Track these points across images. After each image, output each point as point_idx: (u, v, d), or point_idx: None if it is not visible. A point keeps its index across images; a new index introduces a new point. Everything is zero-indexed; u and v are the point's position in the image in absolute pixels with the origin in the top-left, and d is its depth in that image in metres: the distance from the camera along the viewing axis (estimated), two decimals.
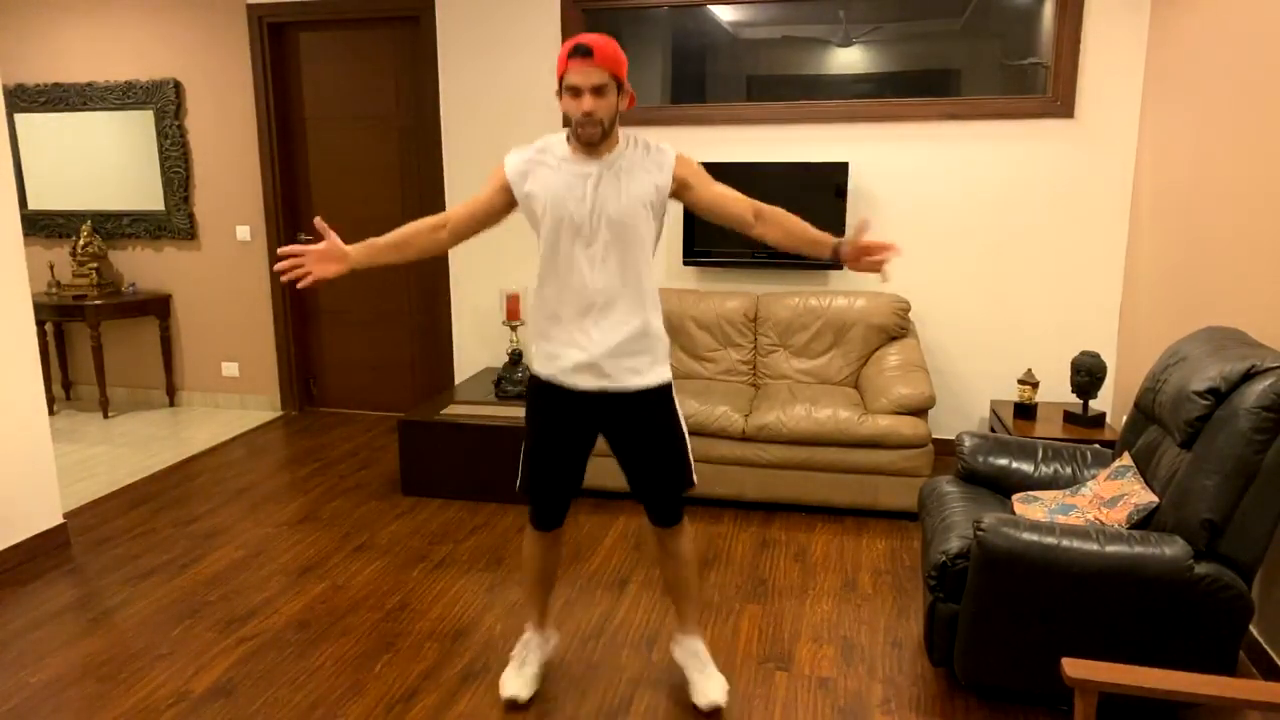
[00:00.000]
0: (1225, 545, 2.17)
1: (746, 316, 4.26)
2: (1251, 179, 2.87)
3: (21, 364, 3.38)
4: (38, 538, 3.44)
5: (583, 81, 2.09)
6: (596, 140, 2.15)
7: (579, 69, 2.09)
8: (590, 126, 2.12)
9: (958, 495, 2.74)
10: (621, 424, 2.31)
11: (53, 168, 5.39)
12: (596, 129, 2.13)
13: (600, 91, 2.10)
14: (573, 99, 2.12)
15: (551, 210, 2.20)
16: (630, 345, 2.24)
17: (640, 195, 2.20)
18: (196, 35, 5.01)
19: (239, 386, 5.44)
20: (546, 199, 2.20)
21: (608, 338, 2.23)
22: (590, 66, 2.08)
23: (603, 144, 2.18)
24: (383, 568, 3.31)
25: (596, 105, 2.10)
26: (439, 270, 4.98)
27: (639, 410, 2.29)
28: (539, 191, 2.21)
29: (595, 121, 2.12)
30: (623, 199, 2.18)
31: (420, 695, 2.51)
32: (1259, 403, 2.13)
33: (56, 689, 2.56)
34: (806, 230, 2.25)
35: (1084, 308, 4.23)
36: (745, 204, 2.26)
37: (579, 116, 2.12)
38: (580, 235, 2.19)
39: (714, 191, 2.26)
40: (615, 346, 2.23)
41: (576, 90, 2.10)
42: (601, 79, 2.09)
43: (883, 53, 4.28)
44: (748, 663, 2.67)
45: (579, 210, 2.18)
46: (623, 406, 2.29)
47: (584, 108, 2.10)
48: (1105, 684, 1.72)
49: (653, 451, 2.32)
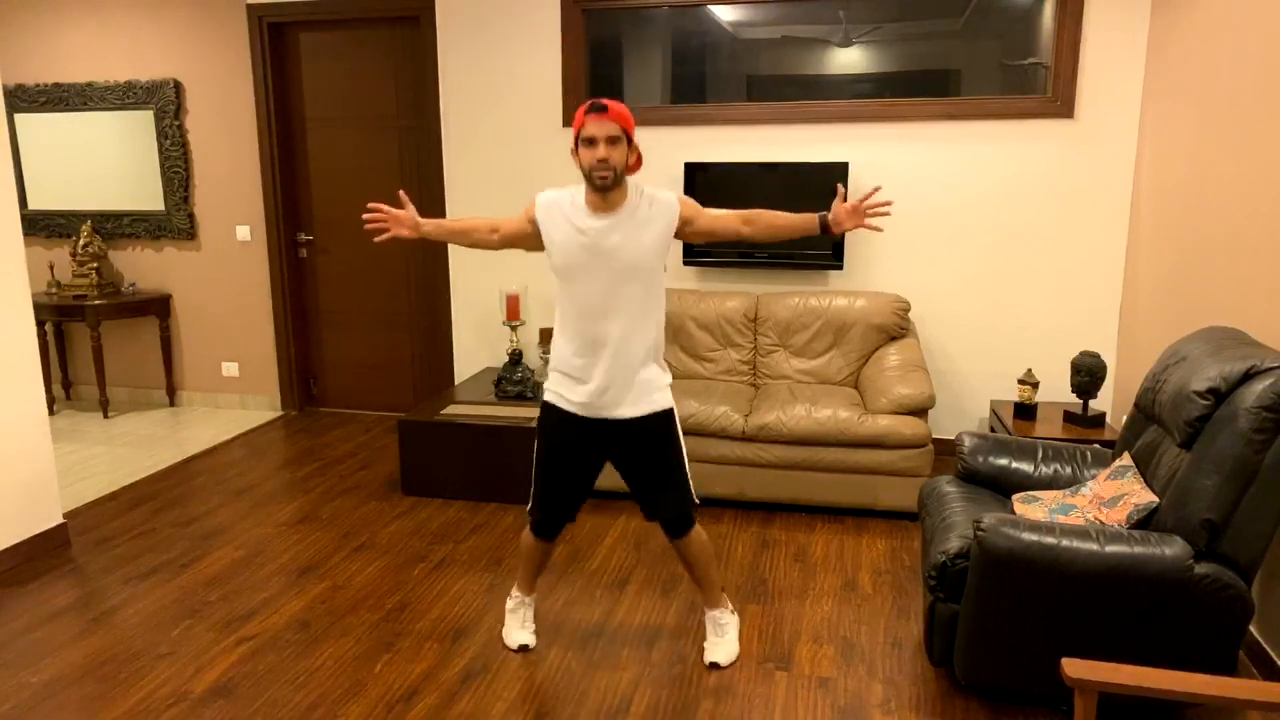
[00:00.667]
0: (1225, 545, 2.17)
1: (746, 316, 4.26)
2: (1251, 179, 2.87)
3: (21, 364, 3.38)
4: (38, 538, 3.44)
5: (598, 132, 2.33)
6: (609, 185, 2.36)
7: (595, 121, 2.33)
8: (604, 171, 2.34)
9: (958, 495, 2.74)
10: (625, 450, 2.53)
11: (53, 168, 5.39)
12: (609, 174, 2.34)
13: (613, 142, 2.34)
14: (588, 149, 2.34)
15: (565, 256, 2.44)
16: (636, 377, 2.48)
17: (652, 243, 2.42)
18: (196, 35, 5.02)
19: (239, 386, 5.44)
20: (563, 247, 2.44)
21: (617, 372, 2.46)
22: (605, 120, 2.33)
23: (615, 195, 2.41)
24: (383, 568, 3.31)
25: (610, 153, 2.33)
26: (439, 270, 4.98)
27: (642, 436, 2.51)
28: (556, 238, 2.45)
29: (609, 168, 2.34)
30: (636, 248, 2.41)
31: (420, 695, 2.51)
32: (1259, 403, 2.13)
33: (56, 689, 2.56)
34: (790, 218, 2.51)
35: (1084, 308, 4.23)
36: (734, 218, 2.51)
37: (594, 163, 2.34)
38: (592, 282, 2.42)
39: (709, 217, 2.51)
40: (623, 380, 2.46)
41: (592, 140, 2.34)
42: (614, 131, 2.33)
43: (883, 53, 4.28)
44: (748, 663, 2.67)
45: (591, 259, 2.41)
46: (626, 433, 2.50)
47: (599, 154, 2.33)
48: (1105, 684, 1.72)
49: (654, 476, 2.53)
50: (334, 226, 5.18)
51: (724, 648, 2.68)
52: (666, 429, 2.52)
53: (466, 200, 4.83)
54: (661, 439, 2.52)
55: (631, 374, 2.47)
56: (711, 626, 2.71)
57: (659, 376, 2.52)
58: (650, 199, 2.45)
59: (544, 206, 2.49)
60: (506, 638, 2.78)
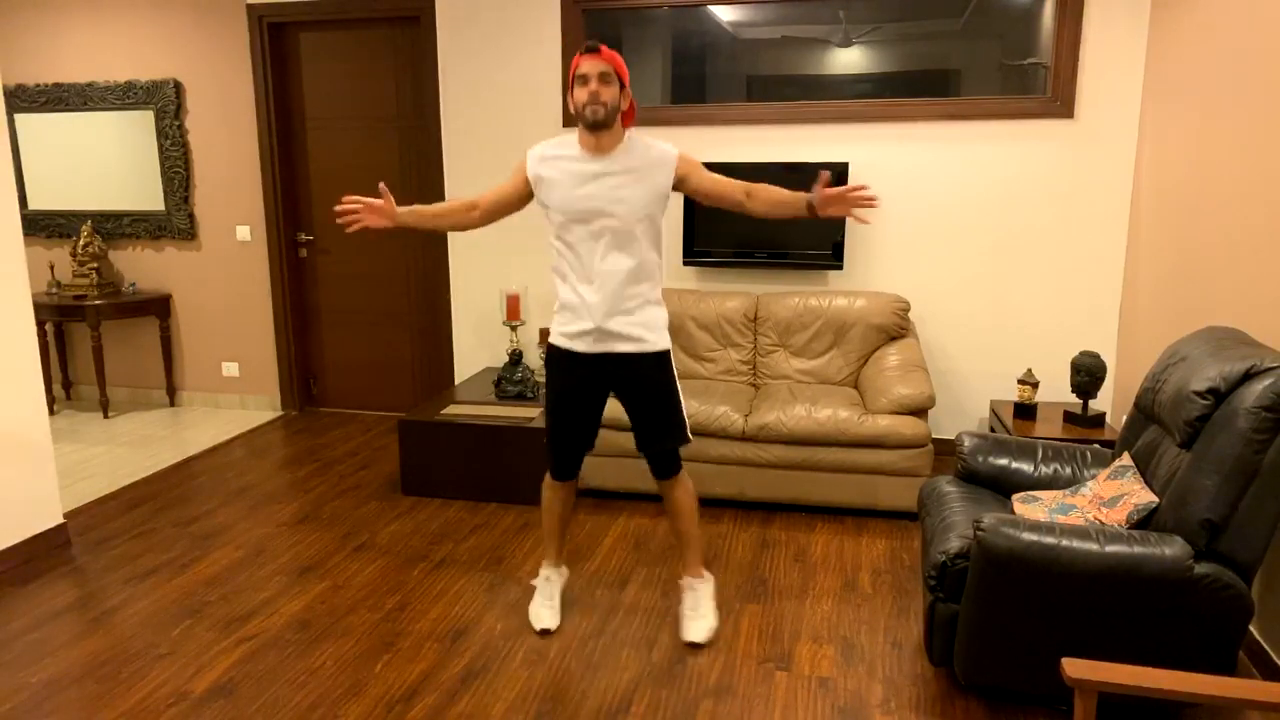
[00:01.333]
0: (1225, 545, 2.17)
1: (746, 316, 4.26)
2: (1251, 179, 2.87)
3: (21, 364, 3.38)
4: (38, 538, 3.44)
5: (590, 70, 2.43)
6: (600, 119, 2.45)
7: (587, 60, 2.44)
8: (595, 105, 2.43)
9: (958, 495, 2.74)
10: (626, 384, 2.66)
11: (53, 168, 5.39)
12: (600, 109, 2.44)
13: (605, 79, 2.44)
14: (581, 86, 2.45)
15: (562, 200, 2.53)
16: (634, 316, 2.59)
17: (643, 186, 2.51)
18: (196, 35, 5.02)
19: (239, 386, 5.44)
20: (558, 190, 2.53)
21: (614, 311, 2.56)
22: (597, 59, 2.44)
23: (608, 138, 2.50)
24: (383, 568, 3.31)
25: (601, 89, 2.43)
26: (439, 270, 4.98)
27: (641, 372, 2.63)
28: (552, 182, 2.55)
29: (600, 103, 2.43)
30: (626, 189, 2.50)
31: (420, 695, 2.51)
32: (1259, 403, 2.13)
33: (56, 689, 2.56)
34: (786, 194, 2.55)
35: (1084, 308, 4.23)
36: (738, 186, 2.57)
37: (586, 98, 2.44)
38: (588, 223, 2.52)
39: (710, 179, 2.58)
40: (621, 319, 2.57)
41: (585, 78, 2.44)
42: (606, 69, 2.44)
43: (883, 53, 4.28)
44: (748, 663, 2.67)
45: (585, 196, 2.50)
46: (627, 369, 2.63)
47: (590, 88, 2.43)
48: (1105, 684, 1.72)
49: (652, 409, 2.66)
50: (334, 226, 5.18)
51: (701, 623, 2.76)
52: (663, 367, 2.65)
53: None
54: (658, 376, 2.65)
55: (631, 310, 2.58)
56: (689, 599, 2.81)
57: (657, 316, 2.64)
58: (647, 145, 2.54)
59: (537, 157, 2.58)
60: (532, 616, 2.87)
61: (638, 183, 2.50)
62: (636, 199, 2.50)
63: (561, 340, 2.66)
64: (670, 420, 2.67)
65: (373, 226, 2.62)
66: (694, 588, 2.83)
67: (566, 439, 2.74)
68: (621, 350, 2.61)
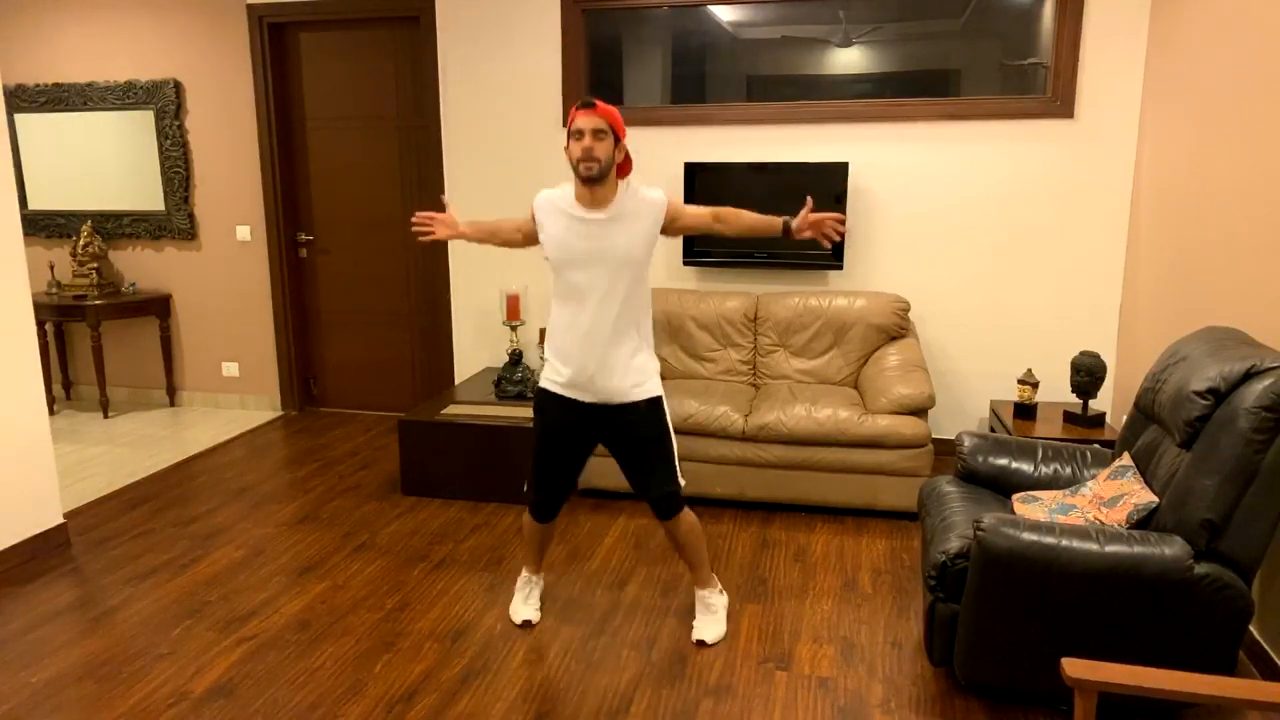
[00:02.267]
0: (1225, 545, 2.17)
1: (746, 316, 4.26)
2: (1251, 179, 2.87)
3: (21, 364, 3.38)
4: (38, 538, 3.44)
5: (585, 125, 2.48)
6: (594, 176, 2.50)
7: (583, 116, 2.49)
8: (589, 162, 2.48)
9: (958, 495, 2.74)
10: (617, 434, 2.68)
11: (53, 168, 5.39)
12: (594, 165, 2.48)
13: (599, 135, 2.48)
14: (576, 141, 2.49)
15: (560, 252, 2.59)
16: (626, 364, 2.61)
17: (639, 237, 2.57)
18: (196, 35, 5.02)
19: (239, 386, 5.44)
20: (557, 241, 2.59)
21: (608, 358, 2.59)
22: (592, 114, 2.48)
23: (603, 191, 2.55)
24: (383, 568, 3.31)
25: (595, 145, 2.47)
26: (439, 270, 4.98)
27: (632, 420, 2.65)
28: (551, 231, 2.61)
29: (594, 159, 2.48)
30: (624, 241, 2.55)
31: (420, 695, 2.51)
32: (1259, 403, 2.13)
33: (56, 689, 2.56)
34: (757, 218, 2.67)
35: (1084, 308, 4.23)
36: (707, 214, 2.66)
37: (580, 153, 2.48)
38: (584, 273, 2.56)
39: (688, 214, 2.65)
40: (614, 367, 2.60)
41: (580, 134, 2.49)
42: (600, 125, 2.48)
43: (882, 53, 4.28)
44: (748, 663, 2.67)
45: (581, 252, 2.56)
46: (618, 417, 2.65)
47: (585, 144, 2.47)
48: (1105, 684, 1.72)
49: (643, 457, 2.67)
50: (334, 226, 5.18)
51: (712, 626, 2.81)
52: (654, 415, 2.66)
53: (466, 200, 4.83)
54: (650, 424, 2.66)
55: (621, 359, 2.61)
56: (701, 606, 2.85)
57: (648, 364, 2.67)
58: (638, 196, 2.59)
59: (540, 205, 2.65)
60: (512, 613, 2.94)
61: (628, 231, 2.55)
62: (627, 246, 2.55)
63: (551, 383, 2.69)
64: (663, 469, 2.67)
65: (440, 238, 2.76)
66: (708, 600, 2.85)
67: (550, 482, 2.75)
68: (616, 401, 2.63)
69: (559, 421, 2.68)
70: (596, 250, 2.55)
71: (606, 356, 2.59)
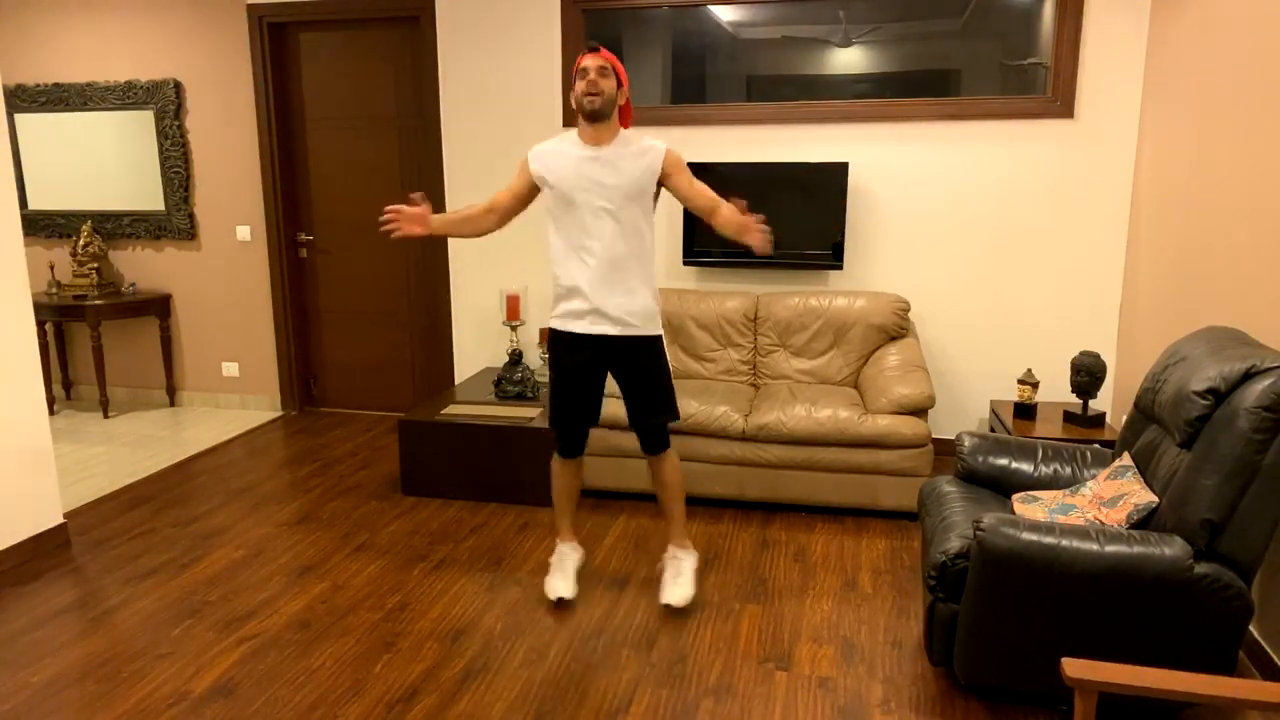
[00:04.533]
0: (1225, 545, 2.17)
1: (746, 316, 4.26)
2: (1251, 178, 2.87)
3: (21, 364, 3.38)
4: (38, 538, 3.44)
5: (590, 64, 2.67)
6: (598, 108, 2.67)
7: (588, 57, 2.68)
8: (593, 93, 2.66)
9: (958, 495, 2.74)
10: (622, 363, 2.84)
11: (53, 168, 5.39)
12: (598, 97, 2.66)
13: (603, 72, 2.67)
14: (581, 79, 2.67)
15: (561, 183, 2.73)
16: (629, 299, 2.77)
17: (635, 175, 2.72)
18: (196, 35, 5.02)
19: (239, 386, 5.44)
20: (558, 174, 2.74)
21: (611, 292, 2.76)
22: (596, 55, 2.68)
23: (605, 130, 2.72)
24: (383, 568, 3.31)
25: (599, 80, 2.66)
26: (439, 270, 4.98)
27: (635, 354, 2.83)
28: (552, 168, 2.76)
29: (598, 92, 2.66)
30: (621, 178, 2.71)
31: (420, 695, 2.51)
32: (1259, 403, 2.13)
33: (56, 689, 2.56)
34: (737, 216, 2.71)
35: (1084, 308, 4.23)
36: (710, 199, 2.76)
37: (584, 88, 2.66)
38: (583, 205, 2.72)
39: (688, 180, 2.78)
40: (617, 300, 2.76)
41: (585, 71, 2.67)
42: (604, 64, 2.67)
43: (882, 53, 4.28)
44: (748, 663, 2.67)
45: (583, 184, 2.72)
46: (622, 349, 2.82)
47: (590, 79, 2.66)
48: (1105, 684, 1.72)
49: (646, 388, 2.86)
50: (334, 226, 5.18)
51: (679, 589, 2.94)
52: (657, 352, 2.86)
53: (466, 200, 4.83)
54: (652, 359, 2.84)
55: (626, 293, 2.76)
56: (671, 568, 3.00)
57: (651, 304, 2.83)
58: (640, 139, 2.77)
59: (538, 153, 2.80)
60: (547, 588, 3.03)
61: (630, 164, 2.72)
62: (628, 178, 2.71)
63: (561, 323, 2.85)
64: (662, 398, 2.87)
65: (409, 234, 2.81)
66: (677, 557, 3.01)
67: (570, 417, 2.91)
68: (616, 333, 2.79)
69: (571, 360, 2.85)
70: (596, 181, 2.71)
71: (612, 290, 2.75)
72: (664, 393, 2.87)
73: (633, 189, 2.71)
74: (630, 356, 2.82)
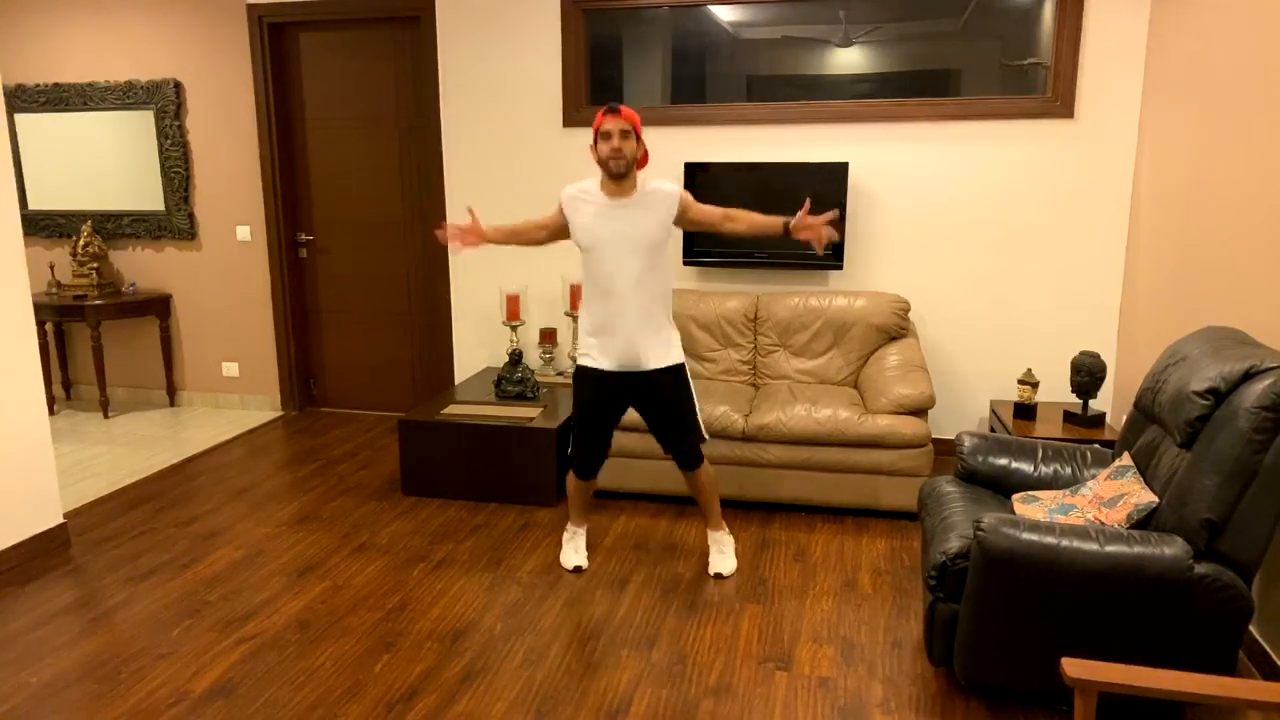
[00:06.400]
0: (1225, 545, 2.17)
1: (746, 316, 4.26)
2: (1251, 179, 2.87)
3: (21, 364, 3.38)
4: (38, 538, 3.44)
5: (613, 127, 2.87)
6: (623, 171, 2.89)
7: (610, 120, 2.87)
8: (618, 159, 2.87)
9: (958, 495, 2.74)
10: (648, 397, 3.05)
11: (53, 168, 5.39)
12: (623, 162, 2.88)
13: (625, 136, 2.87)
14: (605, 142, 2.88)
15: (590, 237, 2.95)
16: (654, 337, 2.99)
17: (658, 222, 2.94)
18: (196, 35, 5.02)
19: (239, 386, 5.44)
20: (587, 228, 2.96)
21: (637, 332, 2.96)
22: (618, 118, 2.87)
23: (626, 183, 2.94)
24: (383, 568, 3.31)
25: (623, 145, 2.87)
26: (439, 270, 4.98)
27: (660, 384, 3.02)
28: (580, 220, 2.98)
29: (622, 156, 2.87)
30: (643, 225, 2.92)
31: (420, 695, 2.51)
32: (1259, 403, 2.13)
33: (56, 689, 2.56)
34: (763, 218, 3.00)
35: (1084, 308, 4.23)
36: (718, 212, 3.02)
37: (610, 152, 2.87)
38: (613, 253, 2.93)
39: (699, 209, 3.02)
40: (643, 339, 2.97)
41: (608, 135, 2.87)
42: (626, 127, 2.87)
43: (882, 53, 4.28)
44: (748, 662, 2.67)
45: (609, 235, 2.92)
46: (648, 383, 3.02)
47: (614, 145, 2.86)
48: (1105, 684, 1.72)
49: (673, 416, 3.06)
50: (334, 226, 5.18)
51: (725, 561, 3.23)
52: (680, 378, 3.05)
53: (466, 200, 4.83)
54: (676, 387, 3.04)
55: (651, 331, 2.98)
56: (715, 547, 3.27)
57: (672, 335, 3.06)
58: (656, 188, 2.97)
59: (568, 198, 3.01)
60: (563, 560, 3.29)
61: (650, 215, 2.92)
62: (650, 228, 2.92)
63: (589, 360, 3.04)
64: (689, 423, 3.08)
65: (467, 246, 3.05)
66: (718, 540, 3.28)
67: (592, 447, 3.14)
68: (647, 368, 2.99)
69: (595, 395, 3.05)
70: (622, 233, 2.91)
71: (638, 329, 2.95)
72: (690, 419, 3.08)
73: (655, 236, 2.93)
74: (657, 388, 3.02)
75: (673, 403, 3.05)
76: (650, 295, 2.96)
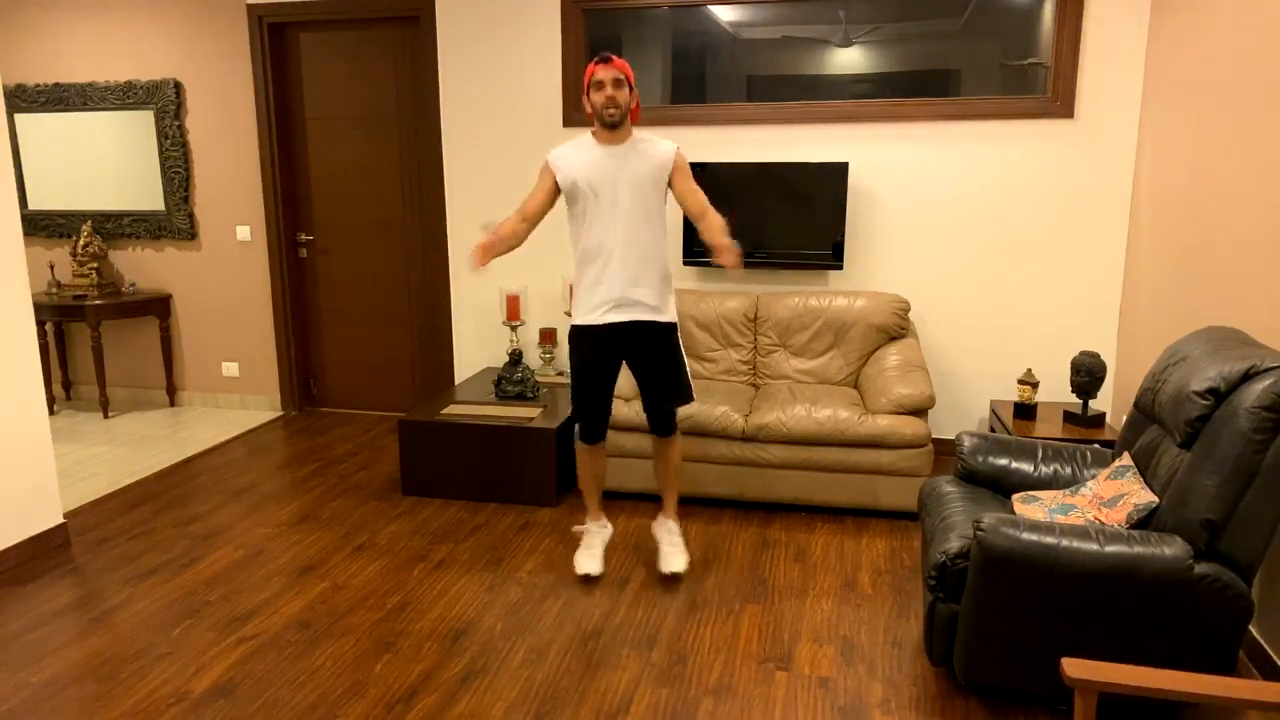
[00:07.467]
0: (1225, 545, 2.17)
1: (746, 316, 4.26)
2: (1251, 179, 2.87)
3: (21, 364, 3.38)
4: (38, 538, 3.44)
5: (605, 76, 2.86)
6: (617, 120, 2.88)
7: (602, 69, 2.87)
8: (611, 108, 2.86)
9: (958, 495, 2.74)
10: (639, 350, 3.03)
11: (53, 168, 5.39)
12: (616, 111, 2.87)
13: (618, 84, 2.86)
14: (598, 91, 2.87)
15: (581, 179, 2.92)
16: (647, 289, 2.96)
17: (650, 168, 2.93)
18: (196, 35, 5.02)
19: (239, 386, 5.44)
20: (578, 172, 2.93)
21: (634, 280, 2.94)
22: (610, 67, 2.87)
23: (620, 133, 2.93)
24: (383, 568, 3.31)
25: (616, 94, 2.86)
26: (439, 270, 4.98)
27: (653, 340, 3.02)
28: (573, 165, 2.94)
29: (615, 105, 2.86)
30: (638, 170, 2.92)
31: (420, 695, 2.51)
32: (1259, 403, 2.13)
33: (56, 689, 2.56)
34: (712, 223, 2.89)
35: (1084, 308, 4.23)
36: (702, 205, 2.94)
37: (604, 101, 2.86)
38: (605, 197, 2.91)
39: (688, 186, 2.97)
40: (639, 289, 2.95)
41: (601, 84, 2.86)
42: (619, 75, 2.86)
43: (882, 53, 4.28)
44: (748, 663, 2.67)
45: (604, 178, 2.91)
46: (640, 335, 3.00)
47: (607, 93, 2.85)
48: (1105, 684, 1.72)
49: (662, 373, 3.05)
50: (334, 226, 5.18)
51: (680, 557, 3.18)
52: (672, 337, 3.05)
53: (466, 200, 4.83)
54: (667, 344, 3.04)
55: (644, 284, 2.95)
56: (666, 537, 3.24)
57: (669, 294, 3.04)
58: (651, 140, 2.98)
59: (558, 155, 2.98)
60: (576, 564, 3.21)
61: (646, 158, 2.92)
62: (646, 169, 2.92)
63: (583, 318, 3.01)
64: (678, 383, 3.07)
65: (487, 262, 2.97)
66: (669, 528, 3.25)
67: (593, 405, 3.10)
68: (639, 318, 2.97)
69: (591, 353, 3.03)
70: (617, 177, 2.90)
71: (631, 280, 2.94)
72: (680, 377, 3.07)
73: (650, 178, 2.92)
74: (649, 343, 3.01)
75: (664, 360, 3.03)
76: (644, 248, 2.93)
